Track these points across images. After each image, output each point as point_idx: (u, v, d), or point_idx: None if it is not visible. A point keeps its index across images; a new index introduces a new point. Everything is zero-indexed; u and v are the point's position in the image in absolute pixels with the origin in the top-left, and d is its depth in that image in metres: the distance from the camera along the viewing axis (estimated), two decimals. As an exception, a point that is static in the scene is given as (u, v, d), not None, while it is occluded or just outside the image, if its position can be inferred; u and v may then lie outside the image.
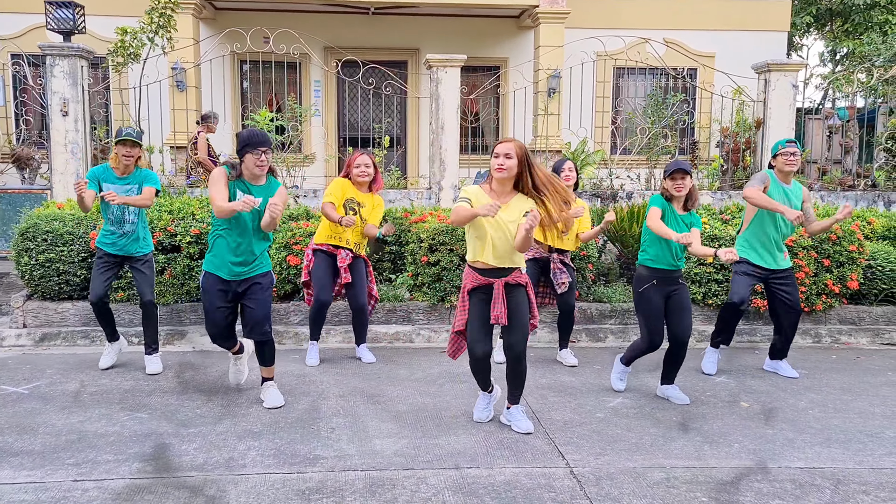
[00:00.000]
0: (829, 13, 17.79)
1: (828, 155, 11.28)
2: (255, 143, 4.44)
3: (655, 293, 4.90)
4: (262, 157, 4.45)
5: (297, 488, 3.58)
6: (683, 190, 4.83)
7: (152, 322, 5.59)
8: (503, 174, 4.10)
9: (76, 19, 8.71)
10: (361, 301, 5.78)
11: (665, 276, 4.91)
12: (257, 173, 4.50)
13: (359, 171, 5.61)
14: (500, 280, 4.21)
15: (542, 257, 5.75)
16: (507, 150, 4.09)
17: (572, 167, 5.81)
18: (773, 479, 3.77)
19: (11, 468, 3.76)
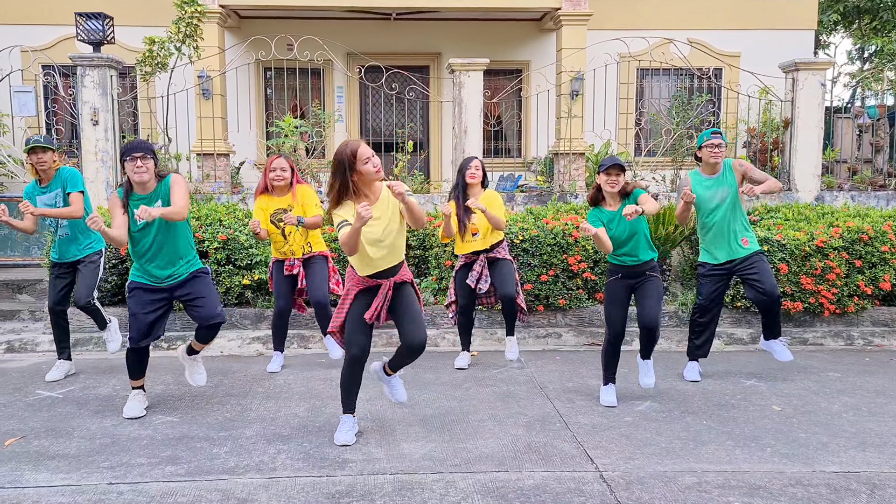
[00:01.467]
0: (856, 10, 17.52)
1: (858, 154, 11.11)
2: (128, 151, 4.44)
3: (618, 286, 4.97)
4: (137, 163, 4.42)
5: (327, 491, 3.60)
6: (616, 187, 4.79)
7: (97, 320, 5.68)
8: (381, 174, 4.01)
9: (105, 30, 8.86)
10: (318, 295, 5.62)
11: (627, 271, 4.94)
12: (137, 180, 4.46)
13: (274, 174, 5.54)
14: (387, 281, 4.15)
15: (470, 261, 5.77)
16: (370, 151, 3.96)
17: (478, 165, 5.75)
18: (808, 484, 3.72)
19: (48, 471, 3.82)
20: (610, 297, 5.00)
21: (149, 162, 4.47)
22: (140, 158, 4.43)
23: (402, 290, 4.24)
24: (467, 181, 5.70)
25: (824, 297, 6.78)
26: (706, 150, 5.41)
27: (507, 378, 5.63)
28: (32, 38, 11.59)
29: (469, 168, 5.71)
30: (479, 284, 5.71)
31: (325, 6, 11.29)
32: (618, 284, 4.97)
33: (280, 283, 5.72)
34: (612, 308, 4.98)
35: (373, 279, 4.15)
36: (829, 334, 6.88)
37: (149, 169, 4.48)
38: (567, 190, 9.68)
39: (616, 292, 4.98)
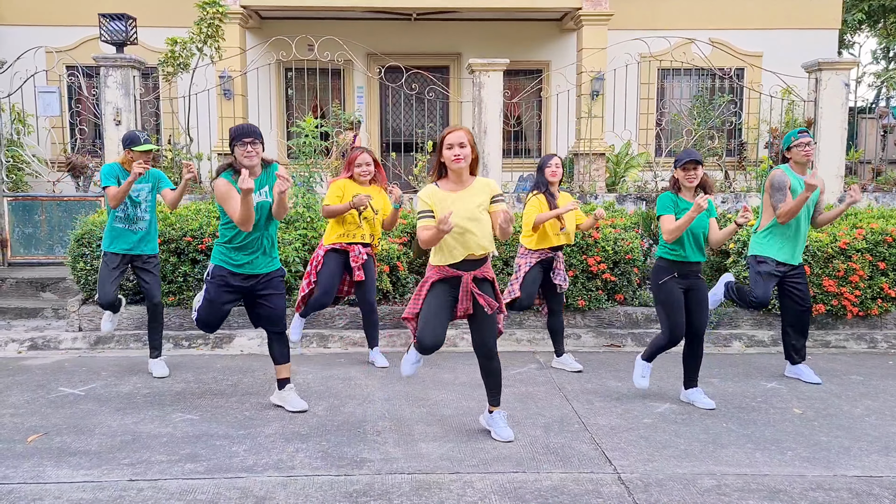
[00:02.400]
0: (881, 9, 17.29)
1: (882, 155, 10.97)
2: (239, 135, 4.43)
3: (675, 286, 4.84)
4: (248, 148, 4.41)
5: (345, 490, 3.61)
6: (695, 181, 4.75)
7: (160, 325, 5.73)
8: (461, 164, 4.03)
9: (128, 31, 8.96)
10: (371, 298, 5.76)
11: (684, 268, 4.84)
12: (247, 164, 4.45)
13: (360, 170, 5.64)
14: (468, 273, 4.13)
15: (547, 258, 5.72)
16: (460, 139, 4.01)
17: (559, 163, 5.73)
18: (829, 488, 3.67)
19: (70, 467, 3.87)
20: (669, 300, 4.82)
21: (258, 146, 4.48)
22: (250, 143, 4.43)
23: (482, 286, 4.20)
24: (549, 179, 5.67)
25: (847, 299, 6.70)
26: (796, 149, 5.37)
27: (525, 379, 5.62)
28: (57, 39, 11.76)
29: (549, 166, 5.69)
30: (559, 281, 5.71)
31: (345, 7, 11.35)
32: (674, 285, 4.83)
33: (331, 275, 5.64)
34: (674, 314, 4.81)
35: (452, 269, 4.14)
36: (851, 337, 6.79)
37: (258, 153, 4.49)
38: (587, 190, 9.64)
39: (675, 294, 4.81)
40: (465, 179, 4.12)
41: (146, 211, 5.60)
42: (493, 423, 4.35)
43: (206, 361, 6.11)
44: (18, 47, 10.24)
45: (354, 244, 5.67)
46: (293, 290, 6.66)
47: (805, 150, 5.34)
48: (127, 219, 5.54)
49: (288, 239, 6.77)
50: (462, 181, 4.12)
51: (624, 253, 6.80)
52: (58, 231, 8.43)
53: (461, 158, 4.01)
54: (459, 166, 4.03)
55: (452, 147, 4.02)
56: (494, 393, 4.34)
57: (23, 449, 4.13)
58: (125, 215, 5.54)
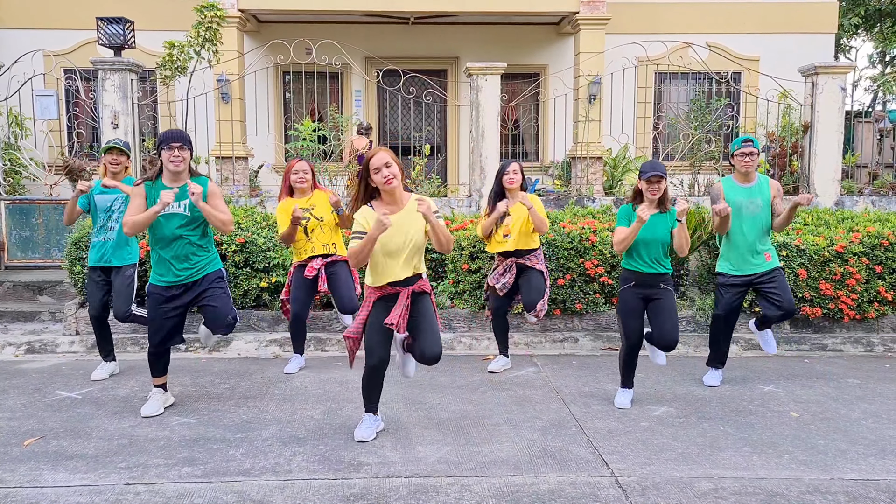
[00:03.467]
0: (877, 14, 17.35)
1: (878, 159, 10.99)
2: (167, 140, 4.42)
3: (632, 295, 4.90)
4: (175, 153, 4.40)
5: (342, 494, 3.61)
6: (657, 194, 4.77)
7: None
8: (393, 184, 4.00)
9: (126, 34, 8.95)
10: (348, 305, 5.70)
11: (641, 279, 4.87)
12: (172, 169, 4.44)
13: (297, 177, 5.61)
14: (406, 289, 4.15)
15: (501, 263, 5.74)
16: (384, 160, 3.98)
17: (517, 170, 5.67)
18: (826, 491, 3.68)
19: (67, 471, 3.87)
20: (624, 308, 4.95)
21: (186, 153, 4.46)
22: (178, 148, 4.42)
23: (420, 300, 4.24)
24: (506, 186, 5.66)
25: (844, 302, 6.71)
26: (737, 158, 5.35)
27: (523, 382, 5.62)
28: (54, 43, 11.76)
29: (507, 173, 5.64)
30: (499, 284, 5.68)
31: (343, 10, 11.36)
32: (631, 294, 4.92)
33: (298, 288, 5.71)
34: (628, 319, 4.93)
35: (392, 286, 4.15)
36: (848, 340, 6.80)
37: (185, 159, 4.47)
38: (584, 194, 9.65)
39: (630, 302, 4.92)
40: (398, 198, 4.10)
41: (115, 221, 5.52)
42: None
43: (204, 365, 6.10)
44: (16, 50, 10.24)
45: (312, 257, 5.65)
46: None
47: (744, 160, 5.31)
48: (98, 230, 5.55)
49: (285, 242, 6.76)
50: (396, 200, 4.10)
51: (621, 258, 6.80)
52: (55, 234, 8.41)
53: (392, 178, 3.98)
54: (392, 187, 4.01)
55: (380, 170, 3.99)
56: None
57: (19, 453, 4.13)
58: (99, 226, 5.54)
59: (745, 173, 5.35)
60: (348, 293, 5.70)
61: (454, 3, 11.23)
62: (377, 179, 4.01)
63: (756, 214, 5.31)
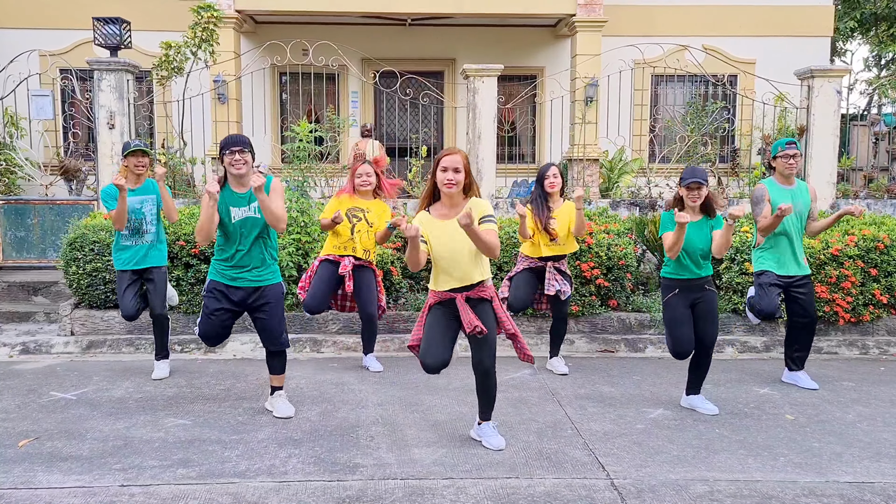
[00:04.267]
0: (873, 17, 17.41)
1: (874, 162, 11.03)
2: (227, 145, 4.44)
3: (679, 302, 4.86)
4: (235, 156, 4.42)
5: (338, 496, 3.60)
6: (698, 201, 4.74)
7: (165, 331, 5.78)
8: (453, 189, 3.97)
9: (122, 35, 8.94)
10: (370, 310, 5.77)
11: (686, 284, 4.85)
12: (234, 172, 4.46)
13: (360, 180, 5.73)
14: (462, 294, 4.08)
15: (537, 266, 5.76)
16: (455, 163, 3.95)
17: (557, 173, 5.75)
18: (821, 494, 3.68)
19: (61, 473, 3.85)
20: (671, 317, 4.86)
21: (247, 155, 4.47)
22: (238, 152, 4.43)
23: (480, 307, 4.12)
24: (547, 191, 5.70)
25: (839, 305, 6.73)
26: (781, 160, 5.37)
27: (518, 384, 5.62)
28: (50, 43, 11.74)
29: (547, 177, 5.70)
30: (549, 291, 5.68)
31: (340, 12, 11.36)
32: (678, 302, 4.85)
33: (322, 281, 5.68)
34: (676, 328, 4.84)
35: (446, 293, 4.11)
36: (843, 343, 6.82)
37: (247, 162, 4.47)
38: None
39: (678, 310, 4.84)
40: (456, 203, 4.06)
41: (151, 223, 5.57)
42: (483, 434, 4.33)
43: (199, 366, 6.09)
44: (12, 50, 10.23)
45: (346, 256, 5.69)
46: (287, 294, 6.64)
47: (788, 161, 5.34)
48: (130, 234, 5.54)
49: (281, 244, 6.76)
50: (454, 205, 4.06)
51: (617, 259, 6.81)
52: (50, 235, 8.39)
53: (454, 184, 3.95)
54: (450, 191, 3.98)
55: (447, 170, 3.96)
56: (486, 408, 4.33)
57: (14, 454, 4.11)
58: (129, 231, 5.53)
59: (788, 175, 5.39)
60: (371, 297, 5.76)
61: (451, 5, 11.24)
62: (439, 178, 3.98)
63: (801, 215, 5.38)
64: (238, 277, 4.59)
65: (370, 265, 5.83)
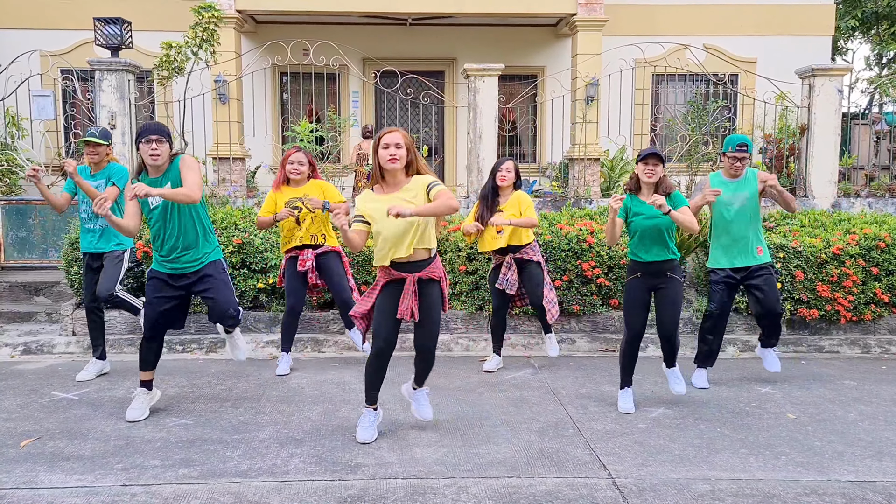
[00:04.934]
0: (874, 16, 17.39)
1: (875, 161, 11.01)
2: (143, 133, 4.45)
3: (638, 285, 4.89)
4: (152, 146, 4.42)
5: (339, 496, 3.60)
6: (654, 177, 4.70)
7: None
8: (395, 164, 4.03)
9: (123, 35, 8.95)
10: (344, 296, 5.70)
11: (645, 269, 4.86)
12: (150, 163, 4.48)
13: (292, 167, 5.61)
14: (412, 275, 4.13)
15: (499, 263, 5.80)
16: (396, 139, 4.03)
17: (511, 167, 5.73)
18: (823, 493, 3.68)
19: (63, 472, 3.86)
20: (628, 297, 4.94)
21: (164, 146, 4.48)
22: (155, 141, 4.45)
23: (428, 288, 4.20)
24: (498, 184, 5.73)
25: (840, 304, 6.72)
26: (728, 159, 5.40)
27: (520, 383, 5.62)
28: (52, 43, 11.75)
29: (500, 171, 5.73)
30: (506, 287, 5.72)
31: (341, 11, 11.36)
32: (637, 283, 4.91)
33: (292, 278, 5.71)
34: (630, 309, 4.92)
35: (397, 271, 4.14)
36: (845, 342, 6.82)
37: (163, 153, 4.49)
38: (582, 195, 9.66)
39: (634, 291, 4.91)
40: (399, 181, 4.11)
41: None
42: (416, 399, 4.55)
43: (201, 366, 6.09)
44: (13, 51, 10.23)
45: (302, 248, 5.65)
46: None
47: (734, 164, 5.36)
48: (88, 217, 5.58)
49: (283, 243, 6.76)
50: (397, 183, 4.11)
51: (618, 258, 6.80)
52: (52, 235, 8.40)
53: (396, 159, 4.02)
54: (393, 166, 4.03)
55: (388, 147, 4.03)
56: (422, 378, 4.48)
57: (16, 454, 4.12)
58: (87, 215, 5.57)
59: (733, 175, 5.43)
60: (341, 282, 5.71)
61: (452, 5, 11.24)
62: (381, 155, 4.04)
63: (745, 206, 5.35)
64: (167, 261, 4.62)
65: (333, 249, 5.75)
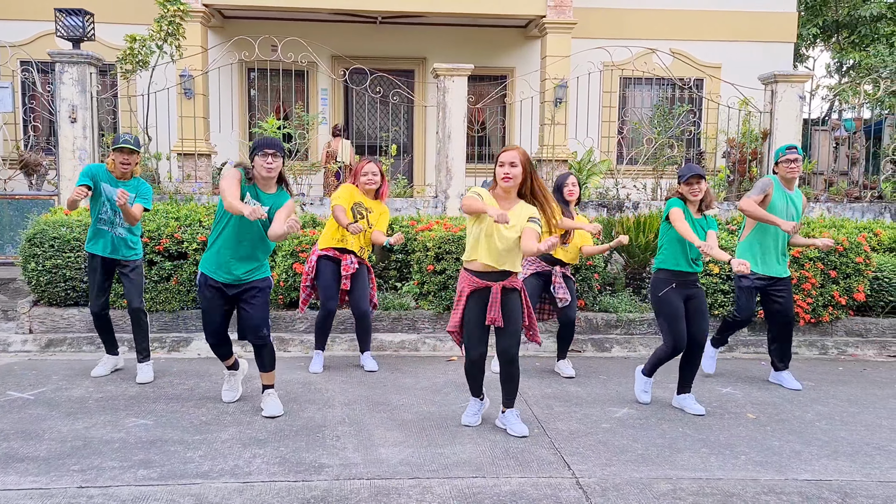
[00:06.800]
0: (835, 25, 17.78)
1: (834, 166, 11.26)
2: (262, 146, 4.47)
3: (675, 296, 4.91)
4: (269, 160, 4.45)
5: (303, 496, 3.57)
6: (699, 195, 4.85)
7: (142, 329, 5.57)
8: (509, 183, 4.19)
9: (86, 27, 8.77)
10: (364, 307, 5.77)
11: (683, 278, 4.92)
12: (265, 175, 4.49)
13: (366, 178, 5.68)
14: (497, 284, 4.27)
15: (545, 271, 5.72)
16: (512, 158, 4.19)
17: (576, 182, 5.83)
18: (780, 492, 3.75)
19: (17, 474, 3.76)
20: (669, 311, 4.88)
21: (279, 160, 4.51)
22: (272, 155, 4.46)
23: (510, 296, 4.33)
24: (567, 198, 5.76)
25: (800, 306, 6.85)
26: (783, 165, 5.52)
27: (487, 384, 5.60)
28: (10, 34, 11.46)
29: (567, 185, 5.78)
30: (561, 295, 5.67)
31: (310, 8, 11.27)
32: (675, 296, 4.90)
33: (331, 281, 5.69)
34: (676, 324, 4.87)
35: (482, 280, 4.27)
36: (803, 343, 6.95)
37: (278, 167, 4.51)
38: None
39: (675, 304, 4.88)
40: (511, 199, 4.28)
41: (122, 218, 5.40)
42: (507, 422, 4.54)
43: (162, 365, 5.99)
44: (-30, 41, 9.96)
45: (347, 253, 5.68)
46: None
47: (790, 166, 5.50)
48: (108, 222, 5.41)
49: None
50: (509, 200, 4.28)
51: (585, 259, 6.85)
52: (8, 231, 8.20)
53: (510, 178, 4.17)
54: (507, 185, 4.21)
55: (504, 165, 4.19)
56: (510, 397, 4.53)
57: (-32, 455, 4.00)
58: (106, 218, 5.39)
59: (790, 180, 5.55)
60: (364, 293, 5.76)
61: (422, 4, 11.22)
62: (497, 172, 4.22)
63: (790, 220, 5.51)
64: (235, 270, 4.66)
65: (364, 262, 5.83)
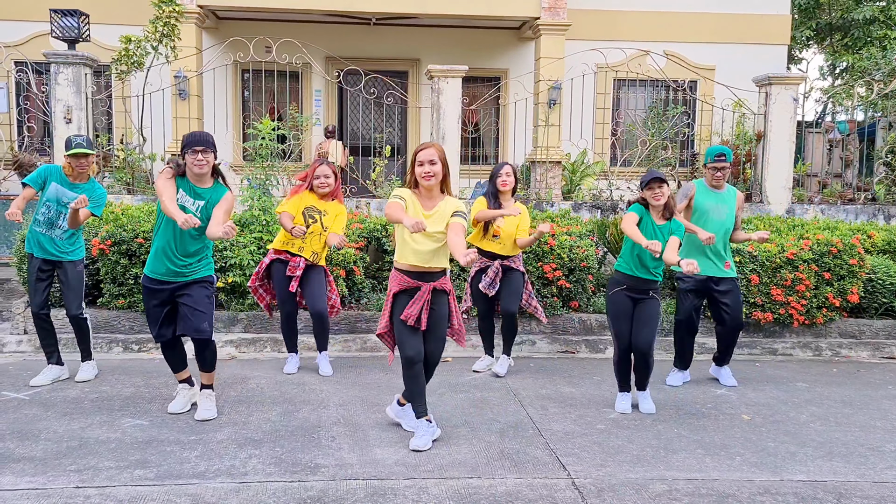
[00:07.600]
0: (828, 27, 17.87)
1: (828, 168, 11.31)
2: (191, 144, 4.45)
3: (623, 298, 4.95)
4: (199, 157, 4.43)
5: (299, 497, 3.57)
6: (661, 199, 4.84)
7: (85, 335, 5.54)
8: (431, 181, 4.17)
9: (81, 28, 8.75)
10: (320, 307, 5.69)
11: (636, 283, 4.93)
12: (196, 171, 4.48)
13: (319, 181, 5.61)
14: (427, 284, 4.23)
15: (486, 265, 5.78)
16: (431, 156, 4.16)
17: (510, 172, 5.80)
18: (776, 493, 3.77)
19: (13, 474, 3.75)
20: (614, 310, 4.96)
21: (209, 156, 4.48)
22: (202, 152, 4.44)
23: (439, 299, 4.31)
24: (499, 189, 5.75)
25: (794, 308, 6.89)
26: (709, 171, 5.56)
27: (481, 384, 5.63)
28: (6, 34, 11.43)
29: (500, 175, 5.75)
30: (489, 289, 5.71)
31: (304, 9, 11.27)
32: (622, 297, 4.94)
33: (283, 283, 5.67)
34: (619, 322, 4.95)
35: (412, 280, 4.20)
36: (798, 345, 6.98)
37: (209, 163, 4.49)
38: (543, 198, 9.73)
39: (620, 304, 4.94)
40: (434, 196, 4.25)
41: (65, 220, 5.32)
42: (402, 417, 4.56)
43: (157, 366, 5.97)
44: (-36, 41, 9.93)
45: (297, 256, 5.64)
46: (247, 293, 6.59)
47: (715, 174, 5.53)
48: (45, 223, 5.31)
49: (243, 242, 6.69)
50: (432, 198, 4.24)
51: (579, 260, 6.87)
52: (3, 231, 8.17)
53: (431, 176, 4.16)
54: (429, 184, 4.17)
55: (423, 164, 4.16)
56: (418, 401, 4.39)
57: (-37, 456, 3.99)
58: (43, 220, 5.31)
59: (716, 186, 5.58)
60: (319, 292, 5.69)
61: (416, 5, 11.23)
62: (417, 172, 4.18)
63: (721, 220, 5.51)
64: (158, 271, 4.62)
65: (320, 265, 5.77)
